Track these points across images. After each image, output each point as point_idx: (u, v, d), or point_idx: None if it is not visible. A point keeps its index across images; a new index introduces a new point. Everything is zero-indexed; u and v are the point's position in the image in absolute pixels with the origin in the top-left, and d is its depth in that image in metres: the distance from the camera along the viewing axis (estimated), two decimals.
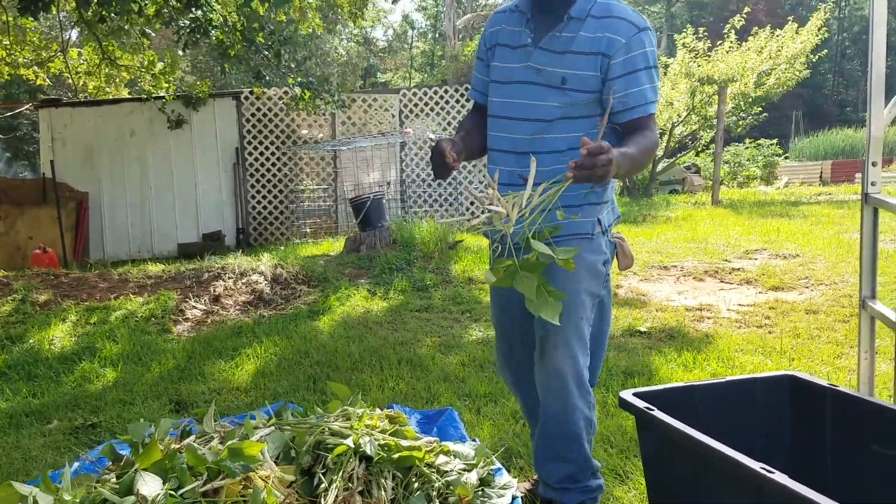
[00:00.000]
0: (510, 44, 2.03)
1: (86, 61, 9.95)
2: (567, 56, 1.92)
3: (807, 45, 13.93)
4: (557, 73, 1.93)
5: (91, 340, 4.69)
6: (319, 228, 10.32)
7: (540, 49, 1.96)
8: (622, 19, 1.90)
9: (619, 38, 1.88)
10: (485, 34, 2.13)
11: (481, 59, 2.15)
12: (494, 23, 2.10)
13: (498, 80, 2.05)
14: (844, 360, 3.69)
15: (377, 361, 4.02)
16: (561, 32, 1.93)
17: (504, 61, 2.04)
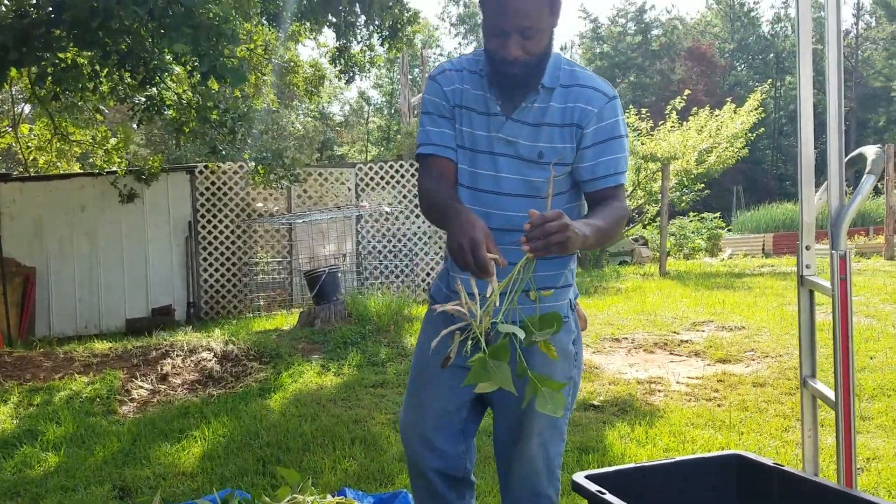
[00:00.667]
0: (476, 109, 1.87)
1: (37, 136, 9.88)
2: (543, 129, 1.84)
3: (745, 125, 14.62)
4: (534, 147, 1.84)
5: (33, 423, 4.52)
6: (273, 301, 10.22)
7: (512, 120, 1.84)
8: (592, 88, 1.85)
9: (591, 108, 1.83)
10: (441, 91, 1.90)
11: (445, 117, 1.90)
12: (451, 81, 1.90)
13: (464, 146, 1.89)
14: (792, 434, 3.76)
15: (330, 441, 3.96)
16: (533, 104, 1.83)
17: (470, 127, 1.88)
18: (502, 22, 1.72)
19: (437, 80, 1.93)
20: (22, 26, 5.33)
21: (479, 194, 1.88)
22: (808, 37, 2.03)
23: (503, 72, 1.79)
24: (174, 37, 5.08)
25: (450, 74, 1.91)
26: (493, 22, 1.74)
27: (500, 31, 1.73)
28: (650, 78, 43.67)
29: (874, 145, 1.99)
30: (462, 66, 1.92)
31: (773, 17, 46.56)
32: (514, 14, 1.70)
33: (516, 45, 1.73)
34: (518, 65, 1.76)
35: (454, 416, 2.01)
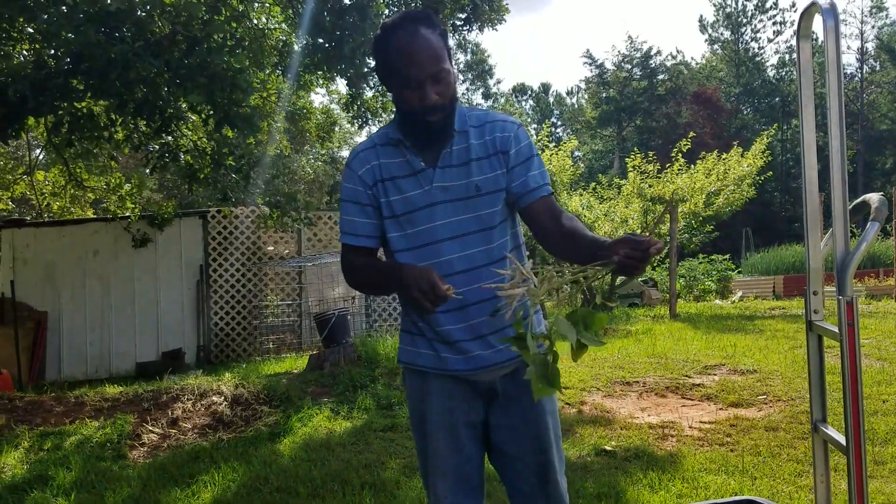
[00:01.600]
0: (400, 174, 1.95)
1: (51, 183, 10.04)
2: (471, 164, 1.94)
3: (753, 168, 14.71)
4: (469, 183, 1.93)
5: (44, 468, 4.51)
6: (283, 344, 10.23)
7: (440, 168, 1.93)
8: (501, 121, 2.00)
9: (507, 134, 1.97)
10: (355, 176, 1.97)
11: (363, 204, 1.97)
12: (365, 161, 1.97)
13: (399, 213, 1.95)
14: (805, 479, 3.72)
15: (339, 487, 3.94)
16: (452, 147, 1.94)
17: (399, 193, 1.94)
18: (415, 73, 1.82)
19: (351, 166, 2.00)
20: (40, 76, 5.48)
21: (417, 252, 1.94)
22: (809, 88, 2.08)
23: (424, 121, 1.88)
24: (189, 87, 5.22)
25: (363, 156, 1.98)
26: (406, 76, 1.83)
27: (415, 82, 1.83)
28: (656, 122, 44.08)
29: (877, 193, 2.03)
30: (373, 143, 2.00)
31: (777, 62, 47.07)
32: (426, 61, 1.83)
33: (432, 91, 1.85)
34: (437, 110, 1.87)
35: (473, 475, 2.01)
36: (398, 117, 1.96)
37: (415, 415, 2.04)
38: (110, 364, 10.01)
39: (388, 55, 1.87)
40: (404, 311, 2.07)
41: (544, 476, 1.99)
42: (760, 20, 47.01)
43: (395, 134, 1.96)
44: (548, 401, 2.02)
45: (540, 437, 1.99)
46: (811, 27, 2.07)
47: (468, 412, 1.98)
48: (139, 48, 5.04)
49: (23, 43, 6.17)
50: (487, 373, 1.96)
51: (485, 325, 1.93)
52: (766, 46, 55.75)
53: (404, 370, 2.08)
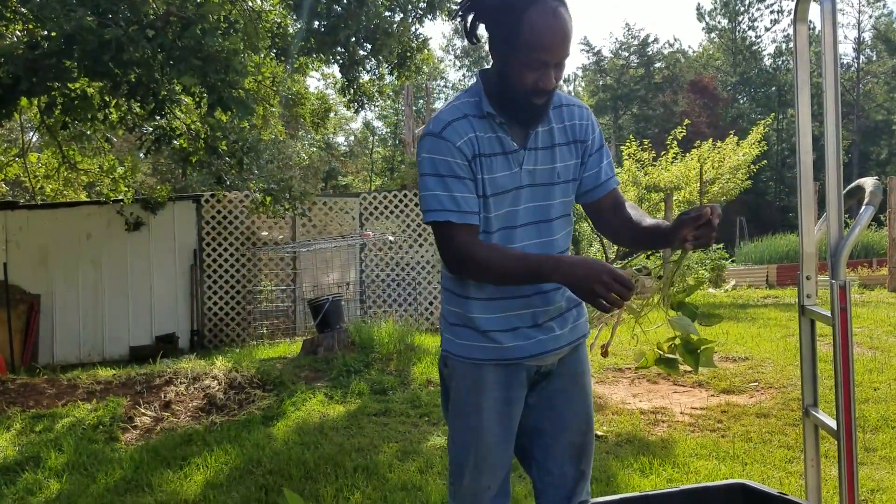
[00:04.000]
0: (494, 152, 1.82)
1: (44, 165, 9.98)
2: (555, 150, 1.89)
3: (748, 157, 14.71)
4: (552, 170, 1.89)
5: (36, 450, 4.51)
6: (277, 330, 10.22)
7: (528, 150, 1.85)
8: (576, 105, 1.95)
9: (584, 122, 1.94)
10: (452, 148, 1.78)
11: (461, 177, 1.79)
12: (462, 132, 1.79)
13: (489, 194, 1.83)
14: (796, 465, 3.74)
15: (332, 470, 3.95)
16: (539, 128, 1.87)
17: (491, 172, 1.82)
18: (546, 55, 1.72)
19: (443, 136, 1.79)
20: (33, 57, 5.42)
21: (490, 236, 1.86)
22: (806, 72, 2.08)
23: (531, 102, 1.79)
24: (183, 69, 5.17)
25: (457, 126, 1.80)
26: (536, 56, 1.72)
27: (541, 64, 1.73)
28: (653, 110, 44.04)
29: (872, 177, 2.03)
30: (464, 112, 1.83)
31: (774, 51, 47.00)
32: (559, 46, 1.73)
33: (553, 76, 1.77)
34: (547, 94, 1.79)
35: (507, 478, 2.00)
36: (494, 90, 1.83)
37: (463, 405, 1.94)
38: (103, 347, 9.99)
39: (517, 28, 1.71)
40: (452, 305, 1.95)
41: (580, 456, 1.99)
42: (758, 9, 46.94)
43: (486, 107, 1.82)
44: (589, 383, 2.05)
45: (583, 418, 2.00)
46: (808, 10, 2.07)
47: (519, 401, 1.95)
48: (133, 31, 4.99)
49: (15, 23, 6.11)
50: (552, 356, 1.94)
51: (548, 312, 1.91)
52: (764, 35, 55.67)
53: (452, 362, 1.95)
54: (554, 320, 1.92)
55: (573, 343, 1.98)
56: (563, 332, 1.94)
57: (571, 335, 1.96)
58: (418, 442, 4.45)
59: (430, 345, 7.10)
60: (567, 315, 1.95)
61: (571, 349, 1.99)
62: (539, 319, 1.89)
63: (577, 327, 1.99)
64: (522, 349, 1.89)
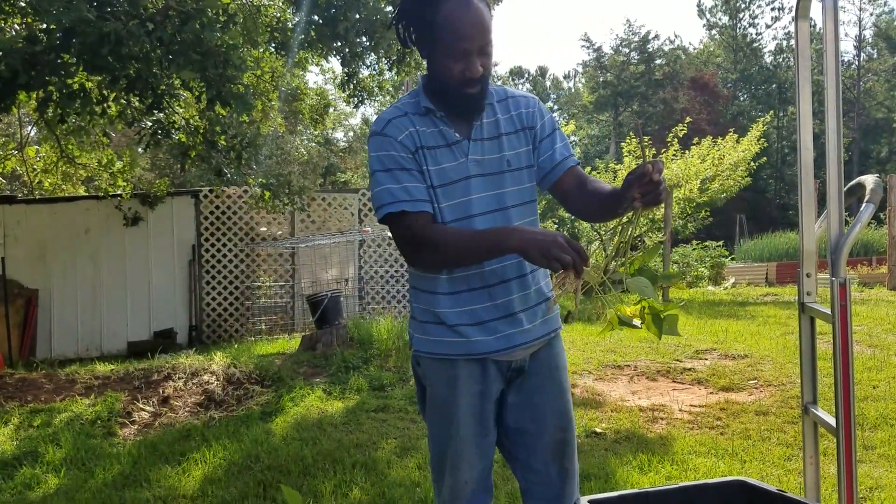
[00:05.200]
0: (436, 144, 1.87)
1: (43, 159, 9.95)
2: (502, 139, 1.93)
3: (748, 154, 14.70)
4: (501, 158, 1.92)
5: (34, 444, 4.51)
6: (275, 325, 10.22)
7: (473, 141, 1.89)
8: (521, 96, 2.00)
9: (531, 109, 1.98)
10: (394, 143, 1.84)
11: (407, 169, 1.84)
12: (402, 127, 1.86)
13: (436, 184, 1.87)
14: (794, 463, 3.74)
15: (331, 465, 3.95)
16: (483, 120, 1.91)
17: (437, 164, 1.86)
18: (465, 43, 1.78)
19: (385, 133, 1.86)
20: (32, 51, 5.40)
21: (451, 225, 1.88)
22: (807, 69, 2.06)
23: (464, 93, 1.84)
24: (182, 63, 5.15)
25: (397, 122, 1.87)
26: (456, 45, 1.78)
27: (463, 52, 1.79)
28: (653, 107, 43.96)
29: (873, 175, 2.02)
30: (403, 111, 1.89)
31: (775, 49, 46.94)
32: (477, 33, 1.79)
33: (478, 64, 1.81)
34: (478, 83, 1.84)
35: (491, 457, 2.00)
36: (429, 86, 1.90)
37: (439, 402, 1.95)
38: (101, 343, 9.98)
39: (435, 21, 1.79)
40: (420, 302, 1.97)
41: (562, 453, 1.99)
42: (759, 6, 46.84)
43: (425, 103, 1.89)
44: (566, 378, 2.04)
45: (561, 415, 1.99)
46: (809, 7, 2.06)
47: (494, 395, 1.95)
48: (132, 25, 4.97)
49: (14, 16, 6.09)
50: (521, 351, 1.94)
51: (514, 304, 1.91)
52: (764, 33, 55.68)
53: (422, 359, 1.97)
54: (523, 313, 1.92)
55: (544, 337, 1.97)
56: (533, 326, 1.94)
57: (542, 329, 1.96)
58: (417, 438, 4.45)
59: None
60: (536, 309, 1.95)
61: (544, 344, 1.98)
62: (506, 311, 1.90)
63: (547, 321, 1.98)
64: (489, 343, 1.89)
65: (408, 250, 1.88)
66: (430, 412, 1.98)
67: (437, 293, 1.91)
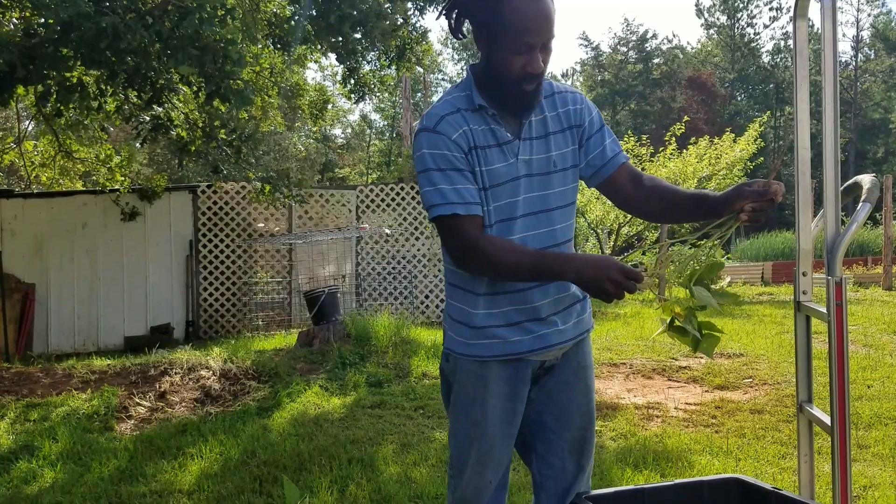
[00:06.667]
0: (488, 144, 1.83)
1: (40, 153, 9.93)
2: (549, 138, 1.89)
3: (745, 154, 14.72)
4: (548, 159, 1.88)
5: (30, 439, 4.51)
6: (272, 321, 10.22)
7: (522, 140, 1.85)
8: (568, 92, 1.95)
9: (578, 106, 1.93)
10: (447, 142, 1.79)
11: (460, 170, 1.80)
12: (456, 125, 1.80)
13: (486, 186, 1.83)
14: (789, 461, 3.76)
15: (327, 461, 3.95)
16: (532, 118, 1.87)
17: (487, 164, 1.82)
18: (530, 37, 1.72)
19: (438, 130, 1.80)
20: (30, 44, 5.40)
21: (491, 228, 1.85)
22: (805, 67, 2.07)
23: (520, 89, 1.79)
24: (180, 58, 5.15)
25: (451, 120, 1.81)
26: (521, 39, 1.72)
27: (527, 47, 1.73)
28: (651, 106, 44.01)
29: (869, 174, 2.03)
30: (457, 107, 1.84)
31: (772, 48, 46.99)
32: (543, 27, 1.73)
33: (540, 59, 1.76)
34: (536, 79, 1.79)
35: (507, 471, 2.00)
36: (483, 79, 1.84)
37: (467, 400, 1.92)
38: (98, 337, 9.97)
39: (501, 13, 1.71)
40: (456, 300, 1.94)
41: (580, 450, 1.99)
42: (757, 6, 46.93)
43: (477, 99, 1.83)
44: (592, 377, 2.04)
45: (584, 413, 2.00)
46: (808, 7, 2.06)
47: (523, 396, 1.94)
48: (130, 19, 4.97)
49: (12, 10, 6.08)
50: (555, 351, 1.93)
51: (550, 306, 1.89)
52: (762, 32, 55.65)
53: (453, 358, 1.95)
54: (557, 314, 1.91)
55: (577, 338, 1.97)
56: (567, 327, 1.93)
57: (575, 330, 1.96)
58: (413, 434, 4.46)
59: (425, 338, 7.10)
60: (571, 310, 1.94)
61: (575, 343, 1.98)
62: (541, 314, 1.88)
63: (581, 322, 1.98)
64: (525, 344, 1.88)
65: (457, 254, 1.84)
66: (457, 410, 1.96)
67: (475, 293, 1.89)
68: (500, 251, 1.77)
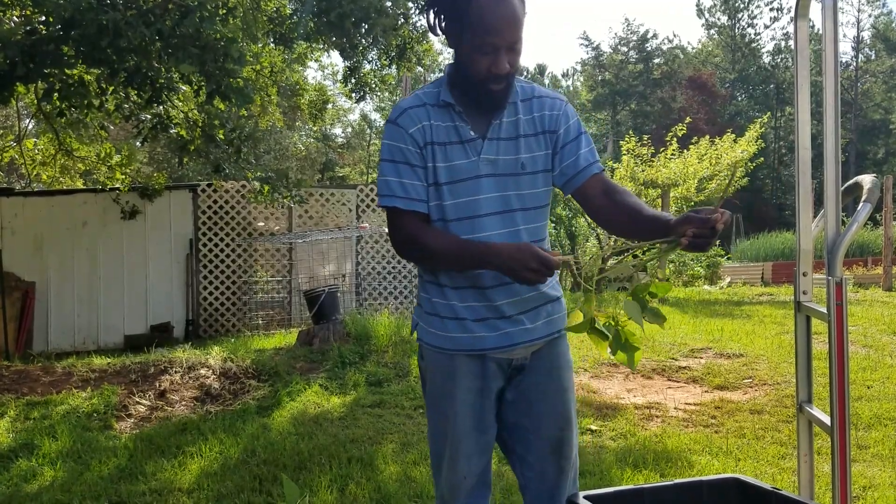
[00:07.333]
0: (448, 140, 1.86)
1: (41, 151, 9.93)
2: (520, 140, 1.89)
3: (745, 155, 14.72)
4: (516, 160, 1.88)
5: (30, 437, 4.51)
6: (272, 320, 10.22)
7: (488, 140, 1.86)
8: (548, 97, 1.95)
9: (556, 112, 1.93)
10: (404, 135, 1.84)
11: (412, 164, 1.85)
12: (416, 120, 1.85)
13: (443, 181, 1.86)
14: (788, 461, 3.76)
15: (327, 460, 3.95)
16: (502, 119, 1.87)
17: (446, 160, 1.85)
18: (496, 38, 1.75)
19: (398, 123, 1.86)
20: (31, 42, 5.40)
21: (456, 224, 1.87)
22: (806, 68, 2.07)
23: (487, 89, 1.81)
24: (181, 56, 5.15)
25: (412, 113, 1.86)
26: (484, 40, 1.75)
27: (492, 48, 1.75)
28: (651, 106, 43.99)
29: (870, 175, 2.03)
30: (423, 101, 1.88)
31: (773, 49, 46.98)
32: (509, 29, 1.75)
33: (506, 61, 1.78)
34: (503, 80, 1.81)
35: (490, 453, 2.01)
36: (453, 79, 1.88)
37: (437, 394, 1.97)
38: (98, 336, 9.97)
39: (467, 13, 1.75)
40: (428, 293, 1.96)
41: (559, 452, 1.99)
42: (757, 6, 46.88)
43: (445, 96, 1.86)
44: (568, 378, 2.02)
45: (559, 414, 1.99)
46: (808, 6, 2.06)
47: (493, 392, 1.95)
48: (131, 16, 4.97)
49: (13, 8, 6.07)
50: (522, 349, 1.93)
51: (514, 306, 1.90)
52: (763, 33, 55.68)
53: (427, 352, 1.99)
54: (525, 314, 1.91)
55: (547, 337, 1.96)
56: (536, 326, 1.93)
57: (545, 329, 1.95)
58: (413, 434, 4.46)
59: None
60: (540, 309, 1.94)
61: (546, 343, 1.97)
62: (506, 312, 1.89)
63: (552, 322, 1.97)
64: (491, 340, 1.90)
65: (397, 245, 1.92)
66: (429, 405, 2.00)
67: (444, 286, 1.92)
68: (435, 240, 1.85)
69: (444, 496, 1.98)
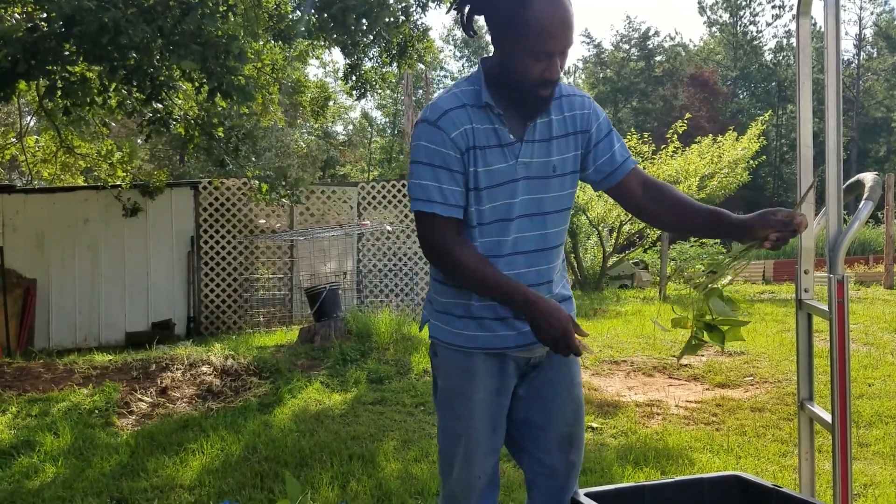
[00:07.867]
0: (489, 144, 1.80)
1: (42, 148, 9.93)
2: (552, 142, 1.86)
3: (747, 152, 14.71)
4: (548, 163, 1.86)
5: (32, 434, 4.52)
6: (273, 318, 10.22)
7: (525, 142, 1.82)
8: (576, 95, 1.92)
9: (586, 111, 1.90)
10: (446, 139, 1.76)
11: (452, 170, 1.78)
12: (458, 122, 1.77)
13: (482, 186, 1.81)
14: (789, 459, 3.76)
15: (328, 457, 3.96)
16: (537, 121, 1.84)
17: (486, 164, 1.80)
18: (551, 45, 1.70)
19: (439, 125, 1.77)
20: (32, 39, 5.39)
21: (486, 228, 1.84)
22: (807, 65, 2.07)
23: (537, 94, 1.77)
24: (182, 54, 5.15)
25: (454, 115, 1.78)
26: (541, 45, 1.69)
27: (546, 54, 1.71)
28: (652, 103, 43.96)
29: (872, 172, 2.03)
30: (462, 102, 1.80)
31: (775, 47, 46.93)
32: (565, 35, 1.71)
33: (559, 66, 1.74)
34: (553, 85, 1.77)
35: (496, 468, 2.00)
36: (496, 78, 1.81)
37: (453, 393, 1.94)
38: (99, 333, 9.98)
39: (521, 17, 1.68)
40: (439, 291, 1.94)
41: (569, 446, 1.99)
42: (759, 3, 46.84)
43: (485, 97, 1.79)
44: (577, 373, 2.03)
45: (570, 408, 1.99)
46: (811, 4, 2.06)
47: (509, 391, 1.95)
48: (132, 14, 4.97)
49: (15, 5, 6.07)
50: (541, 347, 1.91)
51: None
52: (765, 30, 55.65)
53: (442, 349, 1.95)
54: None
55: None
56: None
57: None
58: (414, 431, 4.46)
59: (426, 335, 7.11)
60: None
61: None
62: None
63: None
64: (511, 339, 1.89)
65: (426, 250, 1.86)
66: (443, 404, 1.97)
67: (459, 285, 1.89)
68: (468, 261, 1.78)
69: (455, 496, 1.96)
